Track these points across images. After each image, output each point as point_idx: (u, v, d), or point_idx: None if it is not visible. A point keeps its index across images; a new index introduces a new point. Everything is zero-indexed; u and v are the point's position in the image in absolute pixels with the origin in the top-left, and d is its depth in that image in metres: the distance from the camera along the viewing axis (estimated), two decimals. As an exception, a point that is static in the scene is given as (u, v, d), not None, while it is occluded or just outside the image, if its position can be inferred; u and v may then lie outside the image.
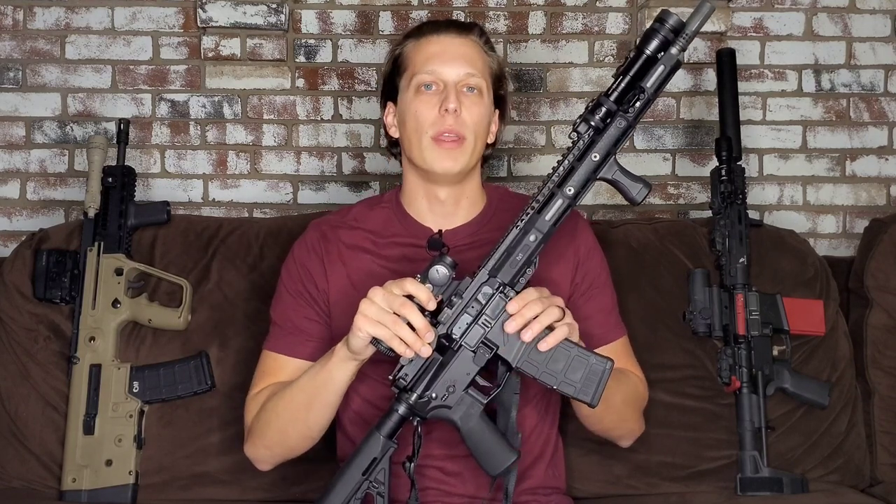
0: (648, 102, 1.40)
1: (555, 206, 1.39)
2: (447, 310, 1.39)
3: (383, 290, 1.37)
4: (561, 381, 1.40)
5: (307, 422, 1.53)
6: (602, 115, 1.39)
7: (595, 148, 1.39)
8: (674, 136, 2.46)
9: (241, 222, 2.13)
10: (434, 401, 1.40)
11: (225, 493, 1.91)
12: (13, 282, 1.99)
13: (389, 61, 1.67)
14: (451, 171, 1.58)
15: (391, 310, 1.36)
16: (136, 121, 2.40)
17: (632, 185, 1.40)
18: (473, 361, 1.40)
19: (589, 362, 1.40)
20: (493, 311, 1.39)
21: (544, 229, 1.39)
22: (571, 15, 2.45)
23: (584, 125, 1.40)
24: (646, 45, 1.39)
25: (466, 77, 1.58)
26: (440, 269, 1.37)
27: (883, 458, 2.03)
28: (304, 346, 1.62)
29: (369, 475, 1.40)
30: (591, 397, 1.40)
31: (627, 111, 1.39)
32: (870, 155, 2.48)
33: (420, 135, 1.58)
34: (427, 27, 1.65)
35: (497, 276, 1.39)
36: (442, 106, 1.56)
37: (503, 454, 1.40)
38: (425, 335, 1.36)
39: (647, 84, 1.39)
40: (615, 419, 1.62)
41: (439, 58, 1.59)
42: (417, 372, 1.39)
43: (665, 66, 1.39)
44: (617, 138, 1.39)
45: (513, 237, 1.40)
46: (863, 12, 2.46)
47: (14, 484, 1.92)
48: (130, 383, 1.91)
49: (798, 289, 2.03)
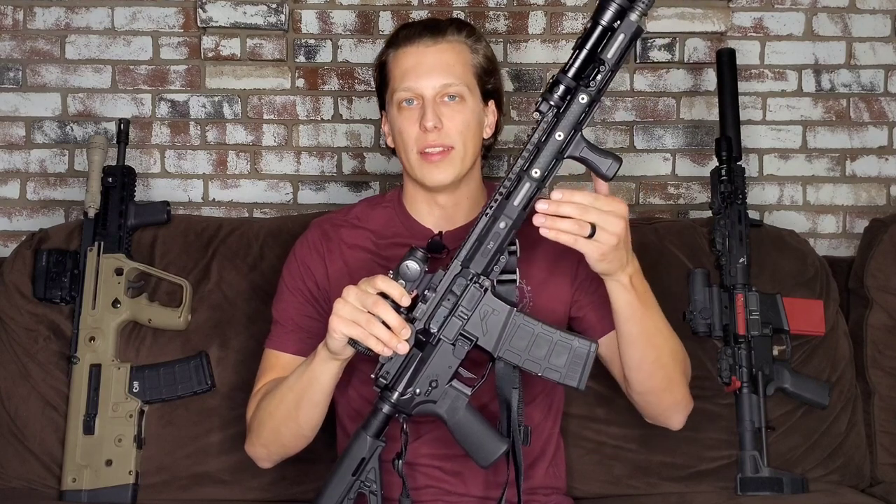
0: (611, 74, 1.34)
1: (522, 191, 1.36)
2: (422, 305, 1.37)
3: (356, 288, 1.36)
4: (545, 367, 1.39)
5: (298, 421, 1.53)
6: (561, 94, 1.35)
7: (559, 127, 1.35)
8: (674, 136, 2.46)
9: (241, 222, 2.13)
10: (418, 397, 1.39)
11: (225, 492, 1.91)
12: (13, 282, 1.99)
13: (376, 71, 1.66)
14: (443, 182, 1.58)
15: (365, 308, 1.34)
16: (136, 121, 2.40)
17: (601, 160, 1.36)
18: (453, 354, 1.38)
19: (572, 346, 1.39)
20: (469, 303, 1.37)
21: (513, 215, 1.36)
22: (571, 15, 2.45)
23: (545, 105, 1.36)
24: (600, 16, 1.33)
25: (444, 88, 1.56)
26: (410, 265, 1.36)
27: (883, 458, 2.03)
28: (304, 344, 1.62)
29: (359, 475, 1.40)
30: (578, 381, 1.39)
31: (588, 85, 1.34)
32: (870, 155, 2.48)
33: (407, 151, 1.58)
34: (403, 35, 1.61)
35: (469, 266, 1.37)
36: (421, 123, 1.55)
37: (492, 444, 1.39)
38: (400, 332, 1.34)
39: (608, 56, 1.33)
40: (663, 379, 1.55)
41: (414, 72, 1.57)
42: (398, 369, 1.39)
43: (625, 35, 1.32)
44: (580, 114, 1.34)
45: (482, 225, 1.38)
46: (863, 12, 2.46)
47: (14, 484, 1.92)
48: (130, 383, 1.91)
49: (798, 289, 2.03)
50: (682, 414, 1.63)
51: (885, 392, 2.05)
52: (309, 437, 1.57)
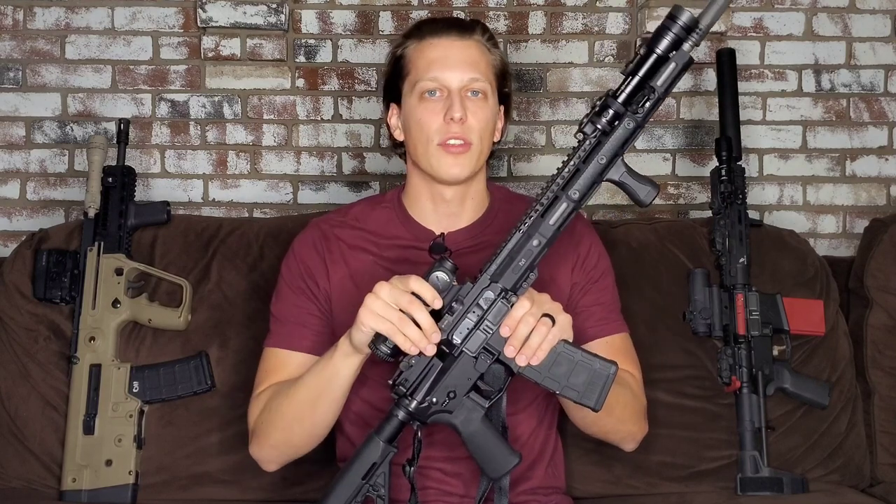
0: (658, 102, 1.35)
1: (559, 210, 1.36)
2: (448, 316, 1.37)
3: (389, 285, 1.35)
4: (564, 385, 1.38)
5: (313, 419, 1.51)
6: (610, 118, 1.35)
7: (602, 150, 1.35)
8: (674, 136, 2.46)
9: (241, 222, 2.13)
10: (434, 406, 1.38)
11: (225, 493, 1.91)
12: (13, 282, 1.99)
13: (390, 63, 1.65)
14: (459, 177, 1.57)
15: (397, 306, 1.34)
16: (136, 121, 2.40)
17: (639, 186, 1.37)
18: (475, 367, 1.38)
19: (593, 367, 1.39)
20: (495, 317, 1.36)
21: (548, 234, 1.36)
22: (571, 15, 2.45)
23: (590, 126, 1.36)
24: (657, 44, 1.34)
25: (470, 82, 1.56)
26: (440, 276, 1.35)
27: (883, 458, 2.03)
28: (304, 340, 1.61)
29: (369, 479, 1.39)
30: (595, 402, 1.39)
31: (637, 112, 1.34)
32: (870, 155, 2.48)
33: (426, 142, 1.56)
34: (427, 28, 1.61)
35: (499, 281, 1.37)
36: (447, 114, 1.54)
37: (505, 458, 1.40)
38: (431, 335, 1.34)
39: (658, 83, 1.34)
40: (612, 422, 1.59)
41: (442, 63, 1.56)
42: (417, 377, 1.38)
43: (677, 65, 1.33)
44: (625, 139, 1.35)
45: (515, 241, 1.37)
46: (863, 12, 2.46)
47: (14, 484, 1.92)
48: (130, 383, 1.91)
49: (798, 289, 2.03)
50: (632, 443, 1.67)
51: (885, 392, 2.05)
52: (321, 437, 1.56)
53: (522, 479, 1.60)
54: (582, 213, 1.75)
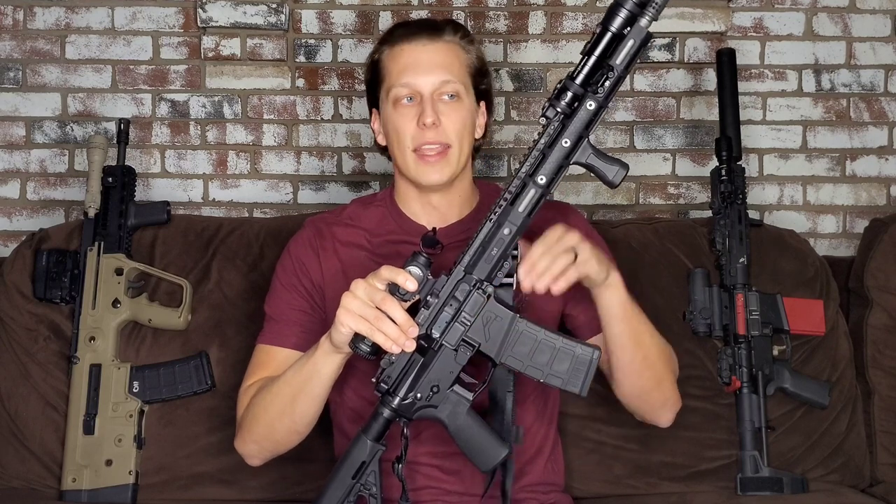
0: (619, 80, 1.34)
1: (528, 197, 1.36)
2: (424, 310, 1.37)
3: (364, 282, 1.35)
4: (547, 373, 1.38)
5: (293, 415, 1.52)
6: (569, 100, 1.34)
7: (565, 133, 1.35)
8: (674, 136, 2.46)
9: (241, 222, 2.13)
10: (419, 401, 1.38)
11: (225, 493, 1.91)
12: (13, 282, 1.99)
13: (368, 69, 1.65)
14: (439, 182, 1.58)
15: (373, 304, 1.34)
16: (136, 121, 2.40)
17: (607, 167, 1.36)
18: (455, 360, 1.38)
19: (575, 353, 1.39)
20: (472, 309, 1.36)
21: (518, 221, 1.36)
22: (571, 15, 2.45)
23: (551, 110, 1.35)
24: (610, 22, 1.32)
25: (442, 85, 1.56)
26: (413, 270, 1.34)
27: (883, 458, 2.03)
28: (294, 337, 1.61)
29: (359, 479, 1.39)
30: (580, 387, 1.39)
31: (596, 91, 1.33)
32: (870, 155, 2.48)
33: (403, 149, 1.57)
34: (399, 32, 1.61)
35: (473, 272, 1.37)
36: (419, 120, 1.54)
37: (493, 449, 1.39)
38: (408, 330, 1.34)
39: (616, 62, 1.33)
40: (651, 378, 1.56)
41: (413, 69, 1.56)
42: (399, 374, 1.38)
43: (635, 41, 1.32)
44: (588, 121, 1.34)
45: (487, 231, 1.37)
46: (863, 12, 2.46)
47: (14, 484, 1.92)
48: (130, 383, 1.91)
49: (798, 289, 2.03)
50: (671, 412, 1.64)
51: (885, 392, 2.05)
52: (303, 434, 1.56)
53: (521, 474, 1.60)
54: (579, 211, 1.76)
